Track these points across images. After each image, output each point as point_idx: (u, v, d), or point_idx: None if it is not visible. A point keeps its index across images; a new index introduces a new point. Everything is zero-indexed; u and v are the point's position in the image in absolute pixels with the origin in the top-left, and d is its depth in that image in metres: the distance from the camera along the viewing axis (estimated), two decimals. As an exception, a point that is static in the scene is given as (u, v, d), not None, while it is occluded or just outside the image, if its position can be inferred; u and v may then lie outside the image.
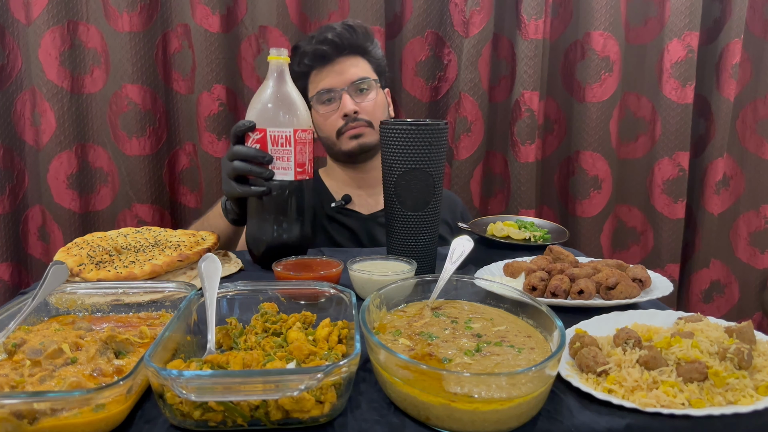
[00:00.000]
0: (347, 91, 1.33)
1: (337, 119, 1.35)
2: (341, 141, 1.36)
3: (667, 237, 1.90)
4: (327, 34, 1.33)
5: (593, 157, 1.85)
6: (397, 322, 0.73)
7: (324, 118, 1.37)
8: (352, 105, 1.33)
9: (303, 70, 1.37)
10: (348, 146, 1.36)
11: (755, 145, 1.95)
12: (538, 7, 1.72)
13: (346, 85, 1.33)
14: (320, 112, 1.37)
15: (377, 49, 1.42)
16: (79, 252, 0.97)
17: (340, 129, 1.35)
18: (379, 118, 1.36)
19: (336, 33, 1.33)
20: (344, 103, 1.33)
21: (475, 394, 0.52)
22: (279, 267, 0.91)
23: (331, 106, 1.36)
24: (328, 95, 1.35)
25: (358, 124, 1.34)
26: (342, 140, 1.36)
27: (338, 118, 1.35)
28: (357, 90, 1.35)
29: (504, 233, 1.20)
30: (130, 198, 1.77)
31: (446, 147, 0.99)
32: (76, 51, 1.69)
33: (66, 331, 0.68)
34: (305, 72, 1.38)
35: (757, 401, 0.57)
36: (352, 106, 1.32)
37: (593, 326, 0.74)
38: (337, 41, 1.33)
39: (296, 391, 0.51)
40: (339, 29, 1.34)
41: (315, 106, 1.38)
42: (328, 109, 1.36)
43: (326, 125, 1.37)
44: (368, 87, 1.36)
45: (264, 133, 0.96)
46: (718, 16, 1.85)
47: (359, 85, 1.34)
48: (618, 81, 1.82)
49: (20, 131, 1.73)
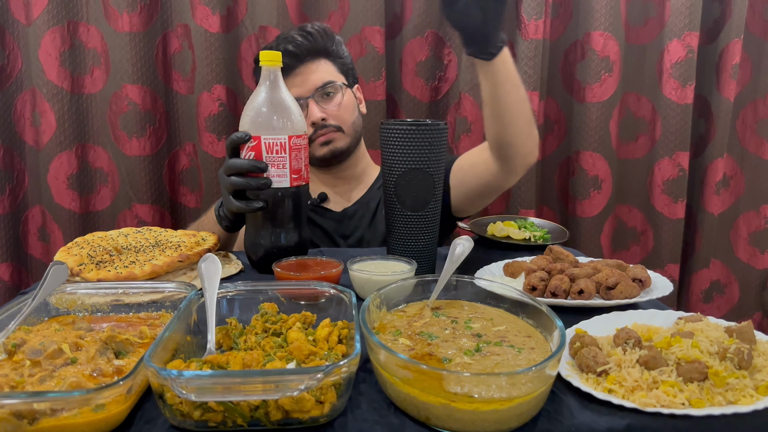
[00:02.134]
0: (313, 98, 1.33)
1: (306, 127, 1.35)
2: (313, 147, 1.36)
3: (667, 237, 1.90)
4: (287, 45, 1.31)
5: (593, 157, 1.85)
6: (397, 322, 0.73)
7: None
8: (319, 112, 1.32)
9: None
10: (320, 152, 1.36)
11: (755, 145, 1.95)
12: (538, 7, 1.72)
13: (311, 92, 1.33)
14: None
15: (340, 47, 1.40)
16: (79, 251, 0.97)
17: (310, 137, 1.35)
18: (348, 120, 1.36)
19: (295, 43, 1.31)
20: (311, 112, 1.32)
21: (475, 394, 0.52)
22: (279, 267, 0.91)
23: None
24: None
25: (327, 130, 1.34)
26: (314, 147, 1.36)
27: (307, 126, 1.35)
28: (323, 95, 1.34)
29: (504, 233, 1.20)
30: (130, 198, 1.77)
31: (446, 147, 0.99)
32: (76, 51, 1.69)
33: (66, 331, 0.68)
34: None
35: (757, 401, 0.57)
36: (318, 114, 1.32)
37: (593, 326, 0.74)
38: (296, 51, 1.31)
39: (296, 391, 0.52)
40: (297, 37, 1.32)
41: None
42: None
43: None
44: (334, 90, 1.35)
45: (258, 141, 0.96)
46: (718, 16, 1.85)
47: (324, 89, 1.34)
48: (618, 81, 1.82)
49: (20, 131, 1.73)
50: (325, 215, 1.42)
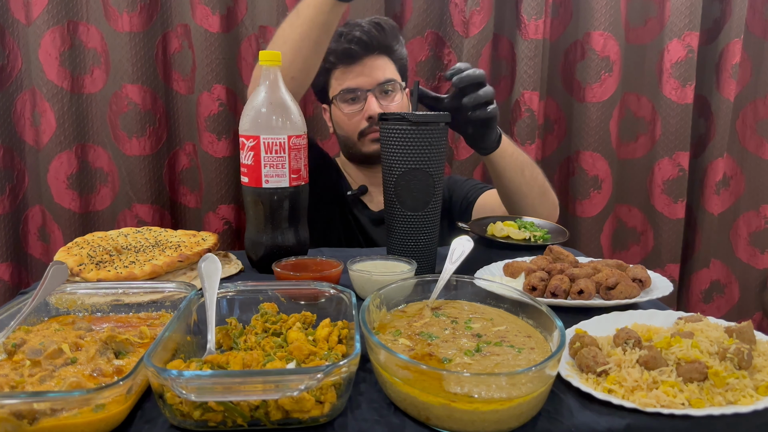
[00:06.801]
0: (373, 92, 1.32)
1: (360, 120, 1.34)
2: (362, 142, 1.35)
3: (667, 237, 1.90)
4: (355, 32, 1.30)
5: (593, 157, 1.85)
6: (397, 322, 0.73)
7: (348, 117, 1.36)
8: (377, 108, 1.32)
9: (326, 67, 1.35)
10: (369, 149, 1.35)
11: (755, 145, 1.95)
12: (538, 7, 1.72)
13: (373, 86, 1.32)
14: (345, 112, 1.35)
15: (402, 48, 1.41)
16: (79, 251, 0.97)
17: (363, 130, 1.35)
18: None
19: (365, 31, 1.31)
20: (370, 105, 1.31)
21: (475, 394, 0.52)
22: (279, 267, 0.91)
23: (354, 106, 1.34)
24: (352, 94, 1.34)
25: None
26: (363, 142, 1.35)
27: (362, 119, 1.34)
28: (382, 92, 1.34)
29: (504, 233, 1.20)
30: (130, 198, 1.77)
31: (446, 147, 0.99)
32: (76, 51, 1.69)
33: (66, 331, 0.68)
34: (328, 69, 1.36)
35: (757, 401, 0.57)
36: (377, 109, 1.31)
37: (593, 326, 0.74)
38: (366, 40, 1.31)
39: (296, 391, 0.51)
40: (368, 27, 1.31)
41: (338, 104, 1.36)
42: (351, 108, 1.35)
43: (349, 125, 1.36)
44: (393, 89, 1.35)
45: (258, 141, 0.96)
46: (718, 16, 1.85)
47: (385, 87, 1.33)
48: (618, 81, 1.82)
49: (20, 131, 1.73)
50: (362, 210, 1.42)
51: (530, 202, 1.25)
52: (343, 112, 1.35)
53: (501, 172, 1.20)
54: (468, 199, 1.42)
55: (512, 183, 1.22)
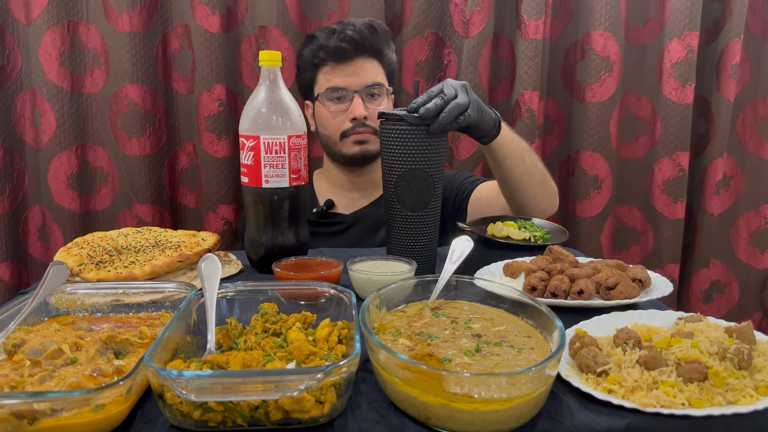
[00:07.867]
0: (360, 94, 1.31)
1: (344, 121, 1.34)
2: (344, 143, 1.35)
3: (667, 237, 1.90)
4: (348, 31, 1.30)
5: (593, 157, 1.85)
6: (397, 322, 0.73)
7: (332, 116, 1.35)
8: (363, 110, 1.31)
9: (315, 62, 1.35)
10: (350, 150, 1.35)
11: (755, 146, 1.95)
12: (538, 7, 1.72)
13: (360, 87, 1.32)
14: (329, 110, 1.35)
15: (392, 54, 1.41)
16: (79, 252, 0.97)
17: (345, 131, 1.34)
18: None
19: (357, 31, 1.30)
20: (355, 107, 1.31)
21: (475, 394, 0.52)
22: (279, 267, 0.91)
23: (340, 105, 1.34)
24: (338, 93, 1.33)
25: (365, 129, 1.33)
26: (345, 143, 1.34)
27: (346, 120, 1.33)
28: (369, 95, 1.33)
29: (504, 233, 1.20)
30: (130, 198, 1.77)
31: (446, 147, 0.99)
32: (76, 51, 1.69)
33: (66, 331, 0.68)
34: (317, 65, 1.36)
35: (757, 401, 0.57)
36: (362, 111, 1.31)
37: (593, 326, 0.74)
38: (358, 40, 1.30)
39: (296, 391, 0.52)
40: (360, 28, 1.31)
41: (323, 102, 1.36)
42: (336, 107, 1.34)
43: (332, 124, 1.36)
44: (380, 93, 1.35)
45: (258, 141, 0.96)
46: (718, 16, 1.85)
47: (372, 90, 1.33)
48: (618, 81, 1.82)
49: (20, 131, 1.73)
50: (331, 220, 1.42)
51: (531, 191, 1.23)
52: (328, 110, 1.34)
53: (502, 161, 1.18)
54: (462, 194, 1.41)
55: (514, 171, 1.19)
